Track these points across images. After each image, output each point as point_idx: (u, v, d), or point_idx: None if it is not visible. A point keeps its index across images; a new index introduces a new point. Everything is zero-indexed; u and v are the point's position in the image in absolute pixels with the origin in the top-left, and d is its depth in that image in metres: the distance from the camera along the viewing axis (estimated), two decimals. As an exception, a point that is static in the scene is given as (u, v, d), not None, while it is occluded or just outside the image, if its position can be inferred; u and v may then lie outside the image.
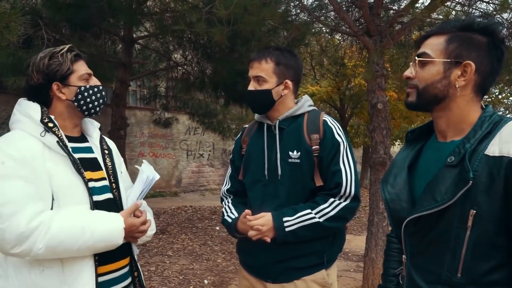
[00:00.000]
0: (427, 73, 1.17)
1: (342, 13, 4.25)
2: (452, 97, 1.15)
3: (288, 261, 1.74)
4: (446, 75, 1.15)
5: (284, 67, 1.80)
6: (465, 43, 1.14)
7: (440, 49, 1.16)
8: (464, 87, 1.14)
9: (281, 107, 1.82)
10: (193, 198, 12.02)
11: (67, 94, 1.53)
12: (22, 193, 1.34)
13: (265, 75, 1.77)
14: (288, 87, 1.81)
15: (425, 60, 1.18)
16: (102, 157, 1.61)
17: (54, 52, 1.52)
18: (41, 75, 1.50)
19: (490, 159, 1.05)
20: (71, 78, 1.52)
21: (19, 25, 3.03)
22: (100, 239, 1.39)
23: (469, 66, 1.13)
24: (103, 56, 6.49)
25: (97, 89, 1.58)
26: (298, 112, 1.83)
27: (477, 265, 1.06)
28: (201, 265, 5.36)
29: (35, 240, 1.31)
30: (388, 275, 1.41)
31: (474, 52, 1.14)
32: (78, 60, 1.56)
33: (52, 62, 1.50)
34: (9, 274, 1.40)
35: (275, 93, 1.79)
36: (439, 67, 1.16)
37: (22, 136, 1.44)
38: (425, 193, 1.14)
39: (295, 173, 1.74)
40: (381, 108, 4.16)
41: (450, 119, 1.18)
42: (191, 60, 7.98)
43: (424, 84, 1.18)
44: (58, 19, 5.35)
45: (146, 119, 11.99)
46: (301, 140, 1.76)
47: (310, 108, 1.85)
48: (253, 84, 1.80)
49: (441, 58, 1.16)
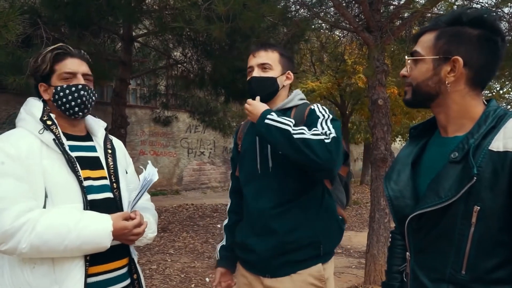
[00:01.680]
0: (419, 71, 1.18)
1: (342, 9, 4.23)
2: (445, 94, 1.15)
3: (285, 254, 1.73)
4: (436, 72, 1.15)
5: (286, 59, 1.86)
6: (453, 38, 1.13)
7: (429, 46, 1.16)
8: (455, 83, 1.13)
9: (277, 99, 1.85)
10: (195, 196, 12.02)
11: (50, 94, 1.53)
12: (12, 191, 1.34)
13: (272, 62, 1.82)
14: (289, 78, 1.86)
15: (416, 58, 1.18)
16: (104, 156, 1.60)
17: (40, 53, 1.53)
18: (32, 76, 1.56)
19: (494, 154, 1.03)
20: (52, 78, 1.52)
21: (17, 24, 3.02)
22: (86, 240, 1.37)
23: (457, 61, 1.12)
24: (103, 54, 6.48)
25: (75, 88, 1.51)
26: (288, 105, 1.84)
27: (482, 262, 1.05)
28: (203, 263, 5.36)
29: (20, 239, 1.31)
30: (392, 272, 1.39)
31: (463, 46, 1.12)
32: (64, 59, 1.53)
33: (35, 64, 1.52)
34: (4, 271, 1.40)
35: (279, 82, 1.83)
36: (429, 64, 1.16)
37: (21, 134, 1.45)
38: (428, 189, 1.13)
39: (286, 165, 1.72)
40: (381, 104, 4.15)
41: (449, 115, 1.17)
42: (191, 58, 7.96)
43: (416, 82, 1.18)
44: (57, 18, 5.33)
45: (146, 118, 11.99)
46: None
47: (300, 102, 1.86)
48: (257, 71, 1.82)
49: (430, 55, 1.16)
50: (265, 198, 1.76)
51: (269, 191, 1.76)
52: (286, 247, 1.73)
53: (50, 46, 1.58)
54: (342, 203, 1.93)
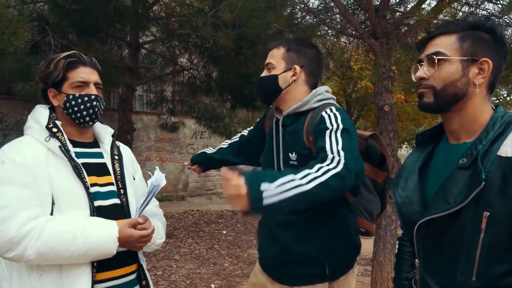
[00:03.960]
0: (445, 72, 1.14)
1: (348, 15, 4.24)
2: (470, 96, 1.14)
3: (290, 265, 1.67)
4: (465, 73, 1.13)
5: (294, 52, 1.70)
6: (478, 41, 1.14)
7: (455, 48, 1.14)
8: (482, 85, 1.14)
9: (289, 98, 1.70)
10: (200, 202, 12.02)
11: (60, 101, 1.53)
12: (18, 198, 1.35)
13: (274, 61, 1.70)
14: (296, 73, 1.69)
15: (442, 58, 1.15)
16: (111, 163, 1.60)
17: (53, 59, 1.54)
18: (41, 81, 1.56)
19: (503, 160, 1.03)
20: (64, 86, 1.53)
21: (26, 31, 3.06)
22: (92, 246, 1.37)
23: (485, 63, 1.12)
24: (110, 61, 6.53)
25: (87, 98, 1.52)
26: (303, 109, 1.68)
27: (492, 268, 1.04)
28: (208, 269, 5.34)
29: (26, 246, 1.31)
30: (401, 279, 1.38)
31: (487, 49, 1.13)
32: (77, 67, 1.53)
33: (46, 69, 1.53)
34: (13, 279, 1.41)
35: (282, 79, 1.69)
36: (457, 65, 1.13)
37: (28, 141, 1.46)
38: (437, 195, 1.12)
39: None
40: (388, 110, 4.13)
41: (464, 119, 1.16)
42: (197, 64, 8.00)
43: (442, 83, 1.14)
44: (65, 25, 5.40)
45: (152, 124, 12.04)
46: (300, 141, 1.64)
47: (317, 104, 1.68)
48: (264, 72, 1.74)
49: (457, 56, 1.14)
50: None
51: None
52: (288, 258, 1.67)
53: (58, 53, 1.60)
54: (370, 214, 1.78)
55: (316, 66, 1.76)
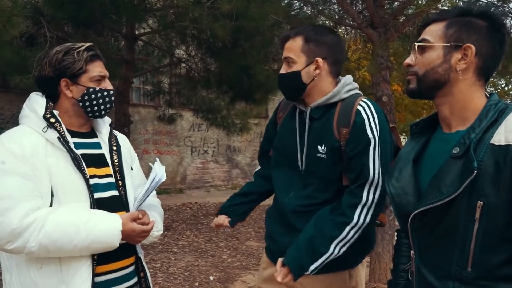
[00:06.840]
0: (427, 58, 1.16)
1: (346, 5, 4.21)
2: (453, 82, 1.14)
3: None
4: (446, 59, 1.14)
5: (314, 43, 1.60)
6: (464, 26, 1.13)
7: (439, 34, 1.15)
8: (465, 71, 1.13)
9: (314, 92, 1.63)
10: (198, 194, 12.03)
11: (74, 92, 1.50)
12: (19, 189, 1.33)
13: (294, 55, 1.60)
14: (319, 66, 1.60)
15: (424, 45, 1.17)
16: (109, 153, 1.59)
17: (71, 48, 1.49)
18: (52, 69, 1.48)
19: (496, 148, 1.02)
20: (82, 78, 1.49)
21: (21, 19, 3.02)
22: (96, 239, 1.36)
23: (469, 48, 1.11)
24: (106, 53, 6.48)
25: (107, 92, 1.53)
26: (333, 100, 1.62)
27: (487, 259, 1.04)
28: (207, 262, 5.36)
29: (28, 238, 1.30)
30: (398, 271, 1.38)
31: (474, 35, 1.12)
32: (94, 60, 1.52)
33: (65, 58, 1.47)
34: (12, 272, 1.40)
35: (305, 75, 1.60)
36: (438, 51, 1.15)
37: (25, 131, 1.43)
38: (430, 185, 1.12)
39: (321, 169, 1.61)
40: (386, 100, 4.13)
41: (453, 105, 1.16)
42: (195, 56, 7.95)
43: (424, 69, 1.17)
44: (60, 17, 5.33)
45: (150, 116, 12.00)
46: (330, 133, 1.59)
47: (347, 95, 1.62)
48: (284, 67, 1.65)
49: (440, 43, 1.15)
50: (291, 193, 1.69)
51: (296, 189, 1.68)
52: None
53: (54, 45, 1.57)
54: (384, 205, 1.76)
55: (339, 54, 1.68)
